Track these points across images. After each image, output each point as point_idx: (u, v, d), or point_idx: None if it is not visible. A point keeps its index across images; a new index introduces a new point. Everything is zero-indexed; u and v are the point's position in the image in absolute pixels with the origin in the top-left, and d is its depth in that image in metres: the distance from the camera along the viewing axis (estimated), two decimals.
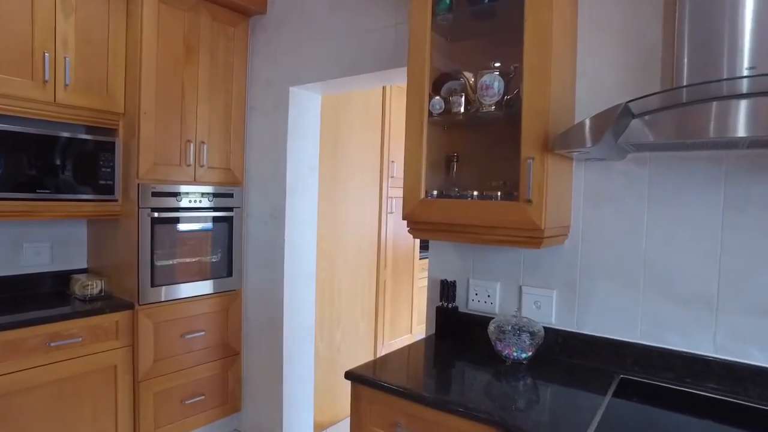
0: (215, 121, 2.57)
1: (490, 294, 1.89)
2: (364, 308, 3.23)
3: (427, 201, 1.67)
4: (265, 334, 2.70)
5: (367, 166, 3.21)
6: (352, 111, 3.05)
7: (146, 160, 2.29)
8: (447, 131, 1.86)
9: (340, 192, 3.00)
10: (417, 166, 1.69)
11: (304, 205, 2.69)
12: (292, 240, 2.62)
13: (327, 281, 2.92)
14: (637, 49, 1.57)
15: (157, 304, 2.37)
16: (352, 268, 3.11)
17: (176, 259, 2.45)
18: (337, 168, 2.96)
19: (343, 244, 3.03)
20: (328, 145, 2.87)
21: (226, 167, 2.65)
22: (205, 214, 2.56)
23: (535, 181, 1.45)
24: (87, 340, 2.11)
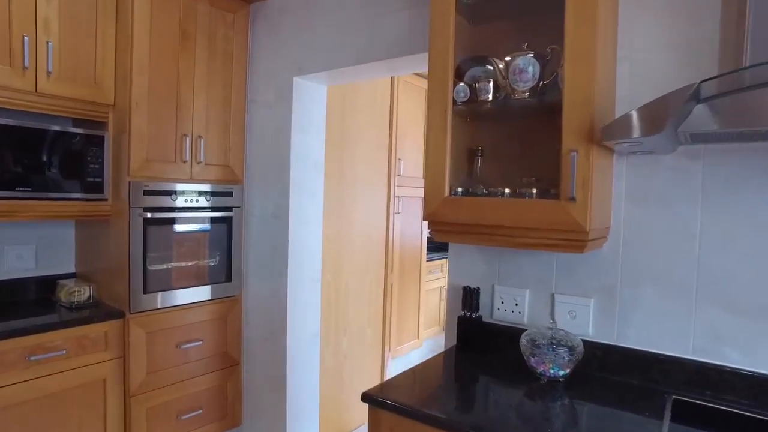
0: (213, 115, 2.39)
1: (518, 302, 1.72)
2: (371, 313, 3.06)
3: (452, 199, 1.49)
4: (267, 342, 2.52)
5: (374, 163, 3.03)
6: (359, 104, 2.87)
7: (138, 155, 2.10)
8: (470, 122, 1.68)
9: (347, 190, 2.82)
10: (440, 160, 1.51)
11: (309, 204, 2.51)
12: (296, 242, 2.44)
13: (333, 285, 2.74)
14: (688, 26, 1.39)
15: (150, 312, 2.19)
16: (359, 271, 2.93)
17: (171, 263, 2.27)
18: (343, 165, 2.78)
19: (350, 245, 2.85)
20: (333, 140, 2.69)
21: (224, 164, 2.46)
22: (202, 214, 2.38)
23: (580, 177, 1.27)
24: (72, 352, 1.93)
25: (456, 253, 1.86)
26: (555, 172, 1.50)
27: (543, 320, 1.67)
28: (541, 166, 1.57)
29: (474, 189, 1.57)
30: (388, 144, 3.12)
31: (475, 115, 1.65)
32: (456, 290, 1.86)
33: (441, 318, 4.68)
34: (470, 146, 1.70)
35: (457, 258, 1.86)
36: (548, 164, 1.55)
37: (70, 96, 2.00)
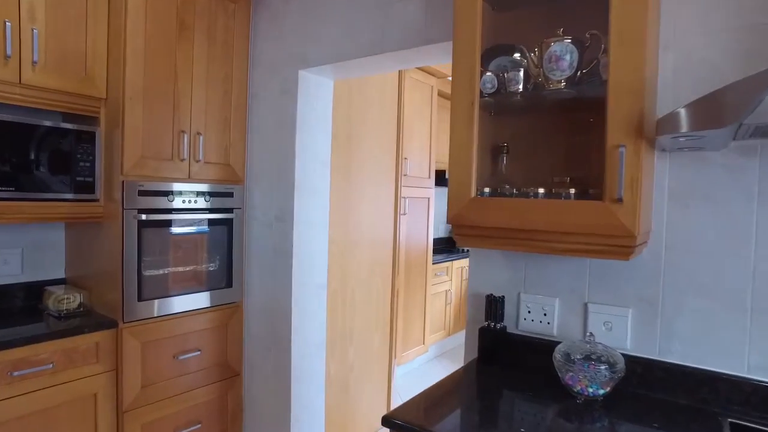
0: (213, 110, 2.24)
1: (546, 312, 1.58)
2: (378, 321, 2.91)
3: (480, 201, 1.35)
4: (269, 352, 2.37)
5: (382, 162, 2.89)
6: (366, 100, 2.73)
7: (132, 153, 1.95)
8: (495, 116, 1.54)
9: (354, 191, 2.67)
10: (466, 157, 1.37)
11: (315, 205, 2.37)
12: (301, 245, 2.30)
13: (339, 291, 2.59)
14: (752, 10, 1.26)
15: (145, 321, 2.03)
16: (366, 276, 2.79)
17: (167, 268, 2.12)
18: (350, 163, 2.63)
19: (357, 249, 2.70)
20: (340, 138, 2.54)
21: (225, 162, 2.31)
22: (201, 216, 2.23)
23: (628, 175, 1.14)
24: (60, 365, 1.77)
25: (477, 258, 1.72)
26: (593, 170, 1.37)
27: (574, 332, 1.53)
28: (575, 165, 1.44)
29: (501, 189, 1.44)
30: (397, 141, 2.98)
31: (501, 109, 1.51)
32: (477, 299, 1.72)
33: (447, 322, 4.55)
34: (494, 143, 1.56)
35: (478, 263, 1.72)
36: (585, 162, 1.42)
37: (58, 88, 1.85)
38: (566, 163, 1.46)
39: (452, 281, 4.59)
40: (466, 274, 4.80)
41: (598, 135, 1.21)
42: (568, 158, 1.46)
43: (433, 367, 4.22)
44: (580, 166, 1.42)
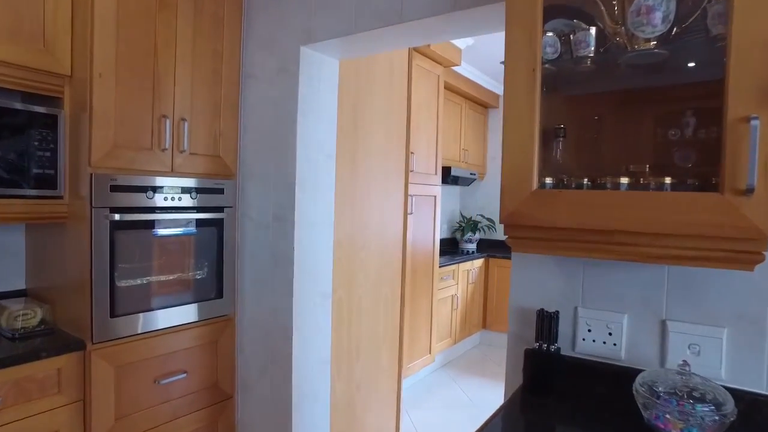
0: (200, 92, 1.92)
1: (612, 330, 1.29)
2: (387, 332, 2.61)
3: (546, 194, 1.06)
4: (267, 372, 2.06)
5: (390, 155, 2.59)
6: (375, 86, 2.43)
7: (103, 141, 1.63)
8: (549, 92, 1.25)
9: (360, 186, 2.37)
10: (525, 139, 1.08)
11: (319, 203, 2.06)
12: (303, 249, 1.99)
13: (345, 300, 2.29)
14: None
15: (119, 341, 1.71)
16: (374, 282, 2.48)
17: (147, 277, 1.80)
18: (356, 156, 2.33)
19: (363, 252, 2.40)
20: (345, 127, 2.24)
21: (214, 153, 2.00)
22: (187, 215, 1.91)
23: (763, 158, 0.85)
24: (10, 400, 1.45)
25: (521, 263, 1.43)
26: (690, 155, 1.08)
27: (649, 356, 1.25)
28: (661, 149, 1.15)
29: (566, 181, 1.15)
30: (407, 132, 2.69)
31: (560, 81, 1.22)
32: (521, 314, 1.42)
33: (453, 329, 4.26)
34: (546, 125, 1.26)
35: (522, 270, 1.43)
36: (677, 145, 1.13)
37: (10, 60, 1.52)
38: (646, 147, 1.18)
39: (458, 285, 4.30)
40: (472, 277, 4.52)
41: (697, 109, 0.93)
42: (651, 141, 1.17)
43: (439, 378, 3.93)
44: (667, 151, 1.13)
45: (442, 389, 3.72)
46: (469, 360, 4.37)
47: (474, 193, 5.43)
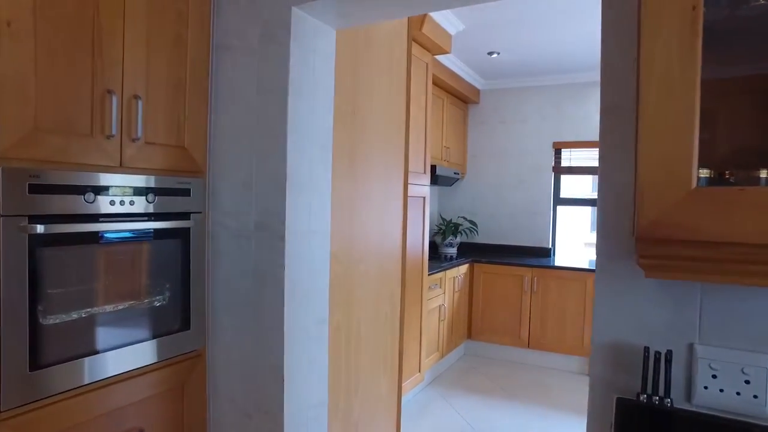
0: (158, 62, 1.46)
1: (750, 377, 0.95)
2: (386, 359, 2.22)
3: (717, 194, 0.70)
4: (250, 421, 1.62)
5: (391, 149, 2.20)
6: (374, 67, 2.03)
7: (16, 121, 1.15)
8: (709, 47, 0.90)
9: (359, 186, 1.97)
10: (680, 113, 0.72)
11: (314, 207, 1.64)
12: (295, 266, 1.56)
13: (343, 326, 1.88)
14: None
15: (44, 403, 1.23)
16: (373, 300, 2.08)
17: (85, 310, 1.33)
18: (354, 150, 1.92)
19: (362, 265, 2.00)
20: (343, 114, 1.83)
21: (177, 144, 1.54)
22: (141, 224, 1.45)
23: None
24: None
25: (608, 284, 1.07)
26: None
27: None
28: None
29: (727, 175, 0.80)
30: (406, 121, 2.31)
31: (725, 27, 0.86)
32: (609, 351, 1.07)
33: (440, 343, 3.91)
34: None
35: (609, 294, 1.07)
36: None
37: None
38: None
39: (445, 294, 3.96)
40: (458, 284, 4.19)
41: None
42: None
43: (429, 397, 3.57)
44: None
45: (435, 411, 3.36)
46: (456, 373, 4.04)
47: (454, 193, 5.12)
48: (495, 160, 4.91)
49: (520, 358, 4.27)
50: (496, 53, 3.95)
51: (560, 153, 4.66)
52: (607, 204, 1.07)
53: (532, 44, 3.73)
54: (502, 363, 4.27)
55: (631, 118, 1.01)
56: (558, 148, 4.64)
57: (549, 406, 3.43)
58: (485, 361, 4.32)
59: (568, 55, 3.94)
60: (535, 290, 4.14)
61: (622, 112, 1.05)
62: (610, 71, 1.07)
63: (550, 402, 3.51)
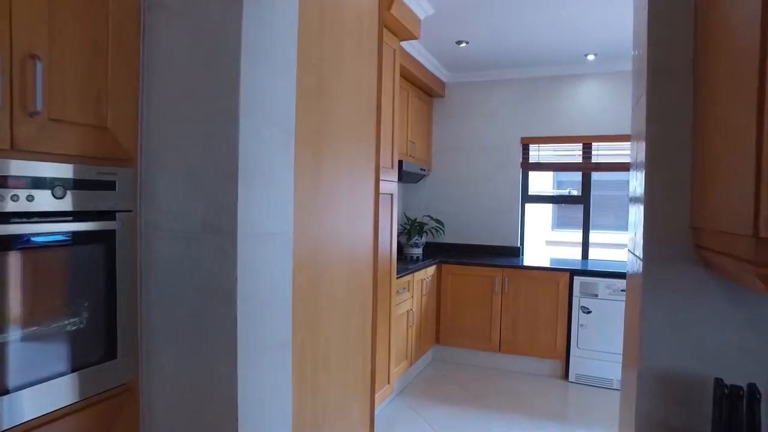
0: (65, 18, 1.13)
1: None
2: (357, 381, 1.94)
3: None
4: None
5: (361, 135, 1.92)
6: (341, 40, 1.75)
7: None
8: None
9: (327, 179, 1.68)
10: None
11: (274, 203, 1.35)
12: (251, 275, 1.27)
13: (308, 346, 1.58)
14: None
15: None
16: (343, 313, 1.80)
17: None
18: (321, 135, 1.64)
19: (330, 274, 1.71)
20: (308, 90, 1.54)
21: (97, 123, 1.21)
22: (49, 226, 1.11)
23: None
24: None
25: (662, 295, 0.84)
26: None
27: None
28: None
29: None
30: (377, 111, 2.04)
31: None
32: (661, 382, 0.84)
33: (409, 350, 3.67)
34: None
35: (664, 309, 0.84)
36: None
37: None
38: None
39: (413, 298, 3.72)
40: (426, 287, 3.96)
41: None
42: None
43: (399, 409, 3.32)
44: None
45: (406, 425, 3.11)
46: (425, 382, 3.81)
47: (418, 191, 4.89)
48: (461, 156, 4.72)
49: (491, 362, 4.09)
50: (465, 42, 3.75)
51: (528, 149, 4.52)
52: (656, 199, 0.84)
53: (503, 33, 3.55)
54: (473, 368, 4.08)
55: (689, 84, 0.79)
56: (526, 144, 4.51)
57: (524, 414, 3.26)
58: (455, 367, 4.11)
59: (539, 46, 3.79)
60: (506, 291, 3.97)
61: (678, 75, 0.82)
62: (660, 22, 0.84)
63: (525, 409, 3.33)
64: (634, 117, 1.06)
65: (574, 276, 3.73)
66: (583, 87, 4.28)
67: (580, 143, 4.32)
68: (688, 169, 0.79)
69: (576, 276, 3.72)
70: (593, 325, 3.65)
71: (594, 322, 3.64)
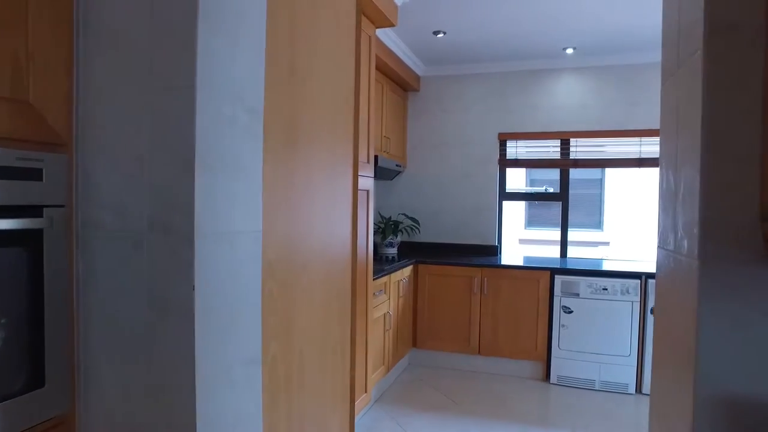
0: None
1: None
2: (337, 394, 1.75)
3: None
4: None
5: (337, 126, 1.73)
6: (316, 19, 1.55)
7: None
8: None
9: (301, 170, 1.48)
10: None
11: (239, 197, 1.14)
12: (211, 282, 1.06)
13: (280, 360, 1.38)
14: None
15: None
16: (321, 321, 1.61)
17: None
18: (295, 118, 1.43)
19: (306, 278, 1.51)
20: (279, 68, 1.34)
21: (15, 96, 0.98)
22: None
23: None
24: None
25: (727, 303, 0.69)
26: None
27: None
28: None
29: None
30: (355, 97, 1.85)
31: None
32: (728, 410, 0.68)
33: (386, 355, 3.49)
34: None
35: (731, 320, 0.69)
36: None
37: None
38: None
39: (390, 300, 3.54)
40: (403, 288, 3.79)
41: None
42: None
43: (377, 419, 3.13)
44: None
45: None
46: (403, 388, 3.64)
47: (393, 189, 4.72)
48: (437, 152, 4.58)
49: (471, 365, 3.95)
50: (443, 33, 3.59)
51: (505, 145, 4.41)
52: (716, 186, 0.69)
53: (482, 24, 3.41)
54: (452, 372, 3.93)
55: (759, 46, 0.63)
56: (503, 140, 4.39)
57: (507, 419, 3.13)
58: (433, 372, 3.96)
59: (517, 38, 3.67)
60: (485, 292, 3.84)
61: (745, 34, 0.66)
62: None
63: (508, 413, 3.20)
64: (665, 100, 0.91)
65: (555, 275, 3.63)
66: (562, 82, 4.20)
67: (559, 139, 4.24)
68: (757, 147, 0.64)
69: (557, 275, 3.62)
70: (575, 325, 3.55)
71: (575, 322, 3.55)
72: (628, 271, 3.50)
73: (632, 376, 3.44)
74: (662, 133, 0.90)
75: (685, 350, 0.74)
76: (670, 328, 0.81)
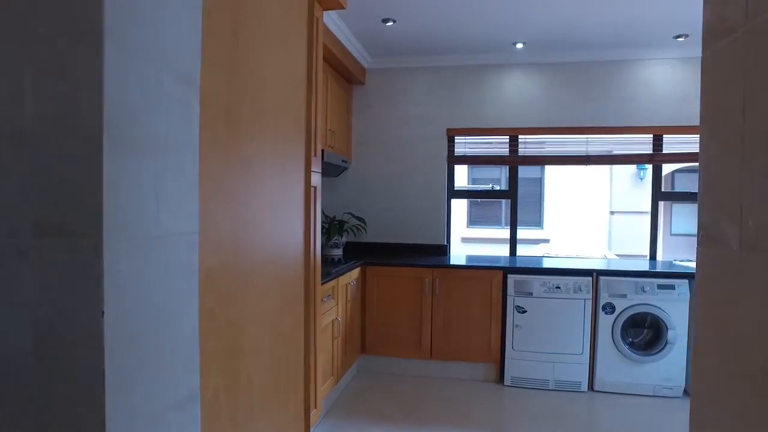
0: None
1: None
2: (289, 416, 1.49)
3: None
4: None
5: (287, 110, 1.48)
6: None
7: None
8: None
9: (245, 157, 1.21)
10: None
11: (169, 188, 0.87)
12: (128, 305, 0.78)
13: (223, 393, 1.11)
14: None
15: None
16: (270, 339, 1.35)
17: None
18: (237, 100, 1.17)
19: (255, 288, 1.25)
20: (215, 30, 1.07)
21: None
22: None
23: None
24: None
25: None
26: None
27: None
28: None
29: None
30: (308, 76, 1.60)
31: None
32: None
33: (335, 365, 3.25)
34: None
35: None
36: None
37: None
38: None
39: (338, 305, 3.30)
40: (351, 293, 3.56)
41: None
42: None
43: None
44: None
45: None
46: (353, 397, 3.42)
47: (337, 186, 4.47)
48: (383, 148, 4.39)
49: (422, 370, 3.80)
50: (392, 21, 3.40)
51: (454, 141, 4.30)
52: None
53: (432, 12, 3.26)
54: (403, 378, 3.76)
55: None
56: (452, 136, 4.28)
57: (462, 426, 2.99)
58: (383, 378, 3.76)
59: (468, 29, 3.56)
60: (436, 293, 3.69)
61: None
62: None
63: (463, 420, 3.07)
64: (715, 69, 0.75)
65: (508, 274, 3.55)
66: (512, 77, 4.14)
67: (508, 136, 4.18)
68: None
69: (510, 274, 3.54)
70: (528, 325, 3.49)
71: (529, 321, 3.49)
72: (580, 269, 3.48)
73: (585, 374, 3.43)
74: (708, 113, 0.74)
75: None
76: (716, 326, 0.65)
